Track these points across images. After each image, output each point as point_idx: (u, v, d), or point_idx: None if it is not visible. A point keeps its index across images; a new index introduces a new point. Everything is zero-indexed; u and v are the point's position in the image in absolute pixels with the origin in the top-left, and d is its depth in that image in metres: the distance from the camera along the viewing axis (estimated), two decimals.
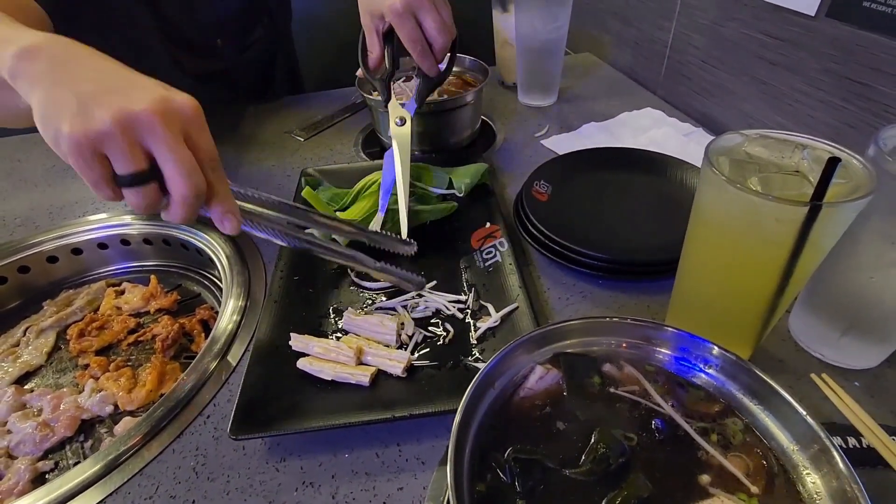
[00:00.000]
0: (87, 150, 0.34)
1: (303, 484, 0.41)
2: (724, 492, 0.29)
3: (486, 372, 0.33)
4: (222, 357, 0.52)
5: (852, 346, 0.45)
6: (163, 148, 0.35)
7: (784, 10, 0.69)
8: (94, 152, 0.34)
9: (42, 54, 0.37)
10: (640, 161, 0.71)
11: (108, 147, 0.34)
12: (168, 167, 0.36)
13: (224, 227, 0.40)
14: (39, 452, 0.50)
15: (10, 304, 0.68)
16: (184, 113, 0.37)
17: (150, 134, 0.35)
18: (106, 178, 0.35)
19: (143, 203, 0.37)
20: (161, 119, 0.35)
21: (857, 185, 0.34)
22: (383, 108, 0.67)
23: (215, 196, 0.39)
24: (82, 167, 0.34)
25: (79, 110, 0.34)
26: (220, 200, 0.39)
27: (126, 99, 0.34)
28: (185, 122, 0.37)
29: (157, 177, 0.36)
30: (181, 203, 0.37)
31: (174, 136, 0.35)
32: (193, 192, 0.37)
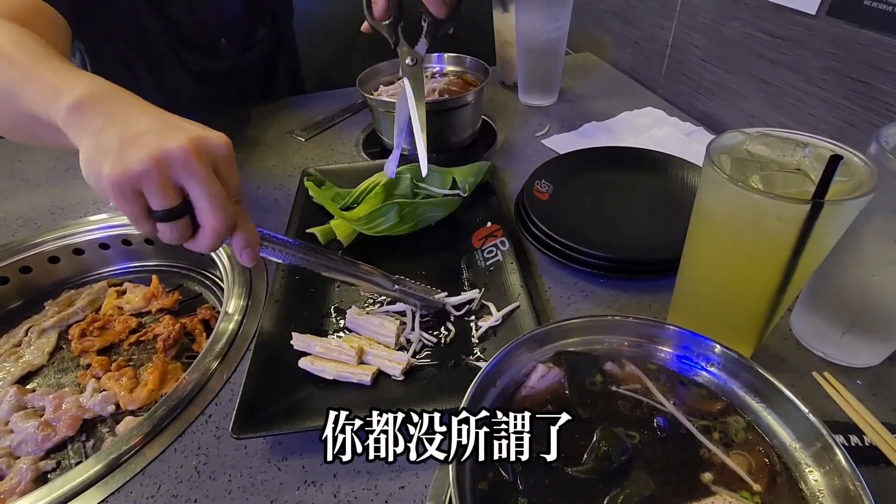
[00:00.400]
0: (127, 189, 0.36)
1: (304, 483, 0.41)
2: (727, 490, 0.29)
3: (488, 371, 0.33)
4: (224, 357, 0.52)
5: (854, 344, 0.45)
6: (196, 184, 0.37)
7: (785, 9, 0.69)
8: (133, 191, 0.36)
9: (91, 108, 0.40)
10: (641, 160, 0.71)
11: (145, 185, 0.36)
12: (201, 202, 0.38)
13: (243, 257, 0.42)
14: (41, 452, 0.50)
15: (11, 305, 0.69)
16: (216, 150, 0.39)
17: (183, 171, 0.37)
18: (144, 213, 0.38)
19: (175, 236, 0.39)
20: (195, 157, 0.37)
21: (859, 182, 0.34)
22: (393, 49, 0.67)
23: (238, 227, 0.41)
24: (122, 205, 0.37)
25: (118, 153, 0.36)
26: (242, 231, 0.41)
27: (162, 139, 0.37)
28: (217, 159, 0.39)
29: (189, 211, 0.38)
30: (212, 235, 0.39)
31: (207, 173, 0.38)
32: (224, 224, 0.39)
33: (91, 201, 0.77)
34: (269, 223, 0.69)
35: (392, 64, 0.87)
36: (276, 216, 0.70)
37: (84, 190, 0.81)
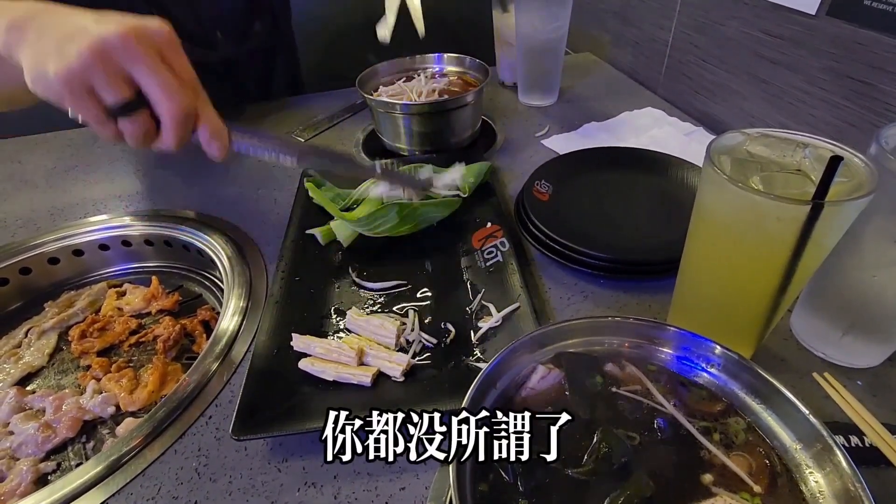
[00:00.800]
0: (77, 86, 0.35)
1: (305, 484, 0.41)
2: (727, 491, 0.29)
3: (488, 372, 0.33)
4: (224, 358, 0.52)
5: (854, 344, 0.45)
6: (142, 70, 0.36)
7: (784, 9, 0.69)
8: (83, 87, 0.35)
9: (28, 22, 0.39)
10: (641, 160, 0.71)
11: (93, 78, 0.35)
12: (152, 89, 0.37)
13: (211, 149, 0.40)
14: (42, 454, 0.50)
15: (11, 306, 0.68)
16: (157, 36, 0.38)
17: (127, 58, 0.36)
18: (102, 113, 0.37)
19: (138, 132, 0.37)
20: (135, 41, 0.36)
21: (859, 183, 0.34)
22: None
23: (201, 117, 0.39)
24: (78, 105, 0.36)
25: (58, 51, 0.35)
26: (207, 121, 0.40)
27: (98, 30, 0.36)
28: (161, 46, 0.38)
29: (146, 104, 0.37)
30: (172, 124, 0.37)
31: (152, 58, 0.36)
32: (181, 110, 0.37)
33: (90, 202, 0.77)
34: (269, 224, 0.69)
35: (392, 64, 0.87)
36: (276, 217, 0.69)
37: (84, 191, 0.81)
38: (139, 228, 0.71)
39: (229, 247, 0.65)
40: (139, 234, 0.71)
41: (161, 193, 0.78)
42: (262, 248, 0.65)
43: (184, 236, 0.69)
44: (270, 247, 0.65)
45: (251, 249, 0.65)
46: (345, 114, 0.97)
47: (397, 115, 0.77)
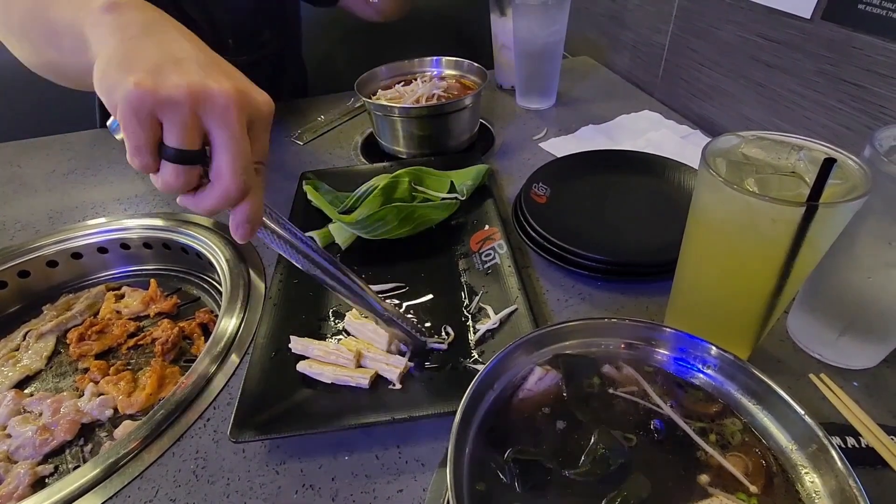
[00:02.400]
0: (146, 110, 0.31)
1: (303, 486, 0.41)
2: (724, 491, 0.29)
3: (486, 373, 0.33)
4: (222, 360, 0.52)
5: (850, 346, 0.45)
6: (226, 135, 0.33)
7: (779, 13, 0.69)
8: (151, 115, 0.31)
9: (129, 10, 0.35)
10: (638, 163, 0.71)
11: (169, 114, 0.31)
12: (223, 157, 0.33)
13: (238, 231, 0.37)
14: (39, 456, 0.50)
15: (10, 309, 0.68)
16: (258, 108, 0.35)
17: (218, 116, 0.32)
18: (151, 145, 0.32)
19: (178, 184, 0.33)
20: (236, 106, 0.33)
21: (853, 185, 0.34)
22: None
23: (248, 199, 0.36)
24: (132, 126, 0.31)
25: (154, 69, 0.31)
26: (250, 205, 0.36)
27: (207, 75, 0.32)
28: (256, 118, 0.35)
29: (203, 161, 0.34)
30: (220, 196, 0.34)
31: (241, 127, 0.33)
32: (238, 189, 0.34)
33: (89, 205, 0.78)
34: None
35: (390, 68, 0.88)
36: None
37: (82, 194, 0.81)
38: (137, 231, 0.71)
39: (227, 249, 0.65)
40: (137, 236, 0.71)
41: (159, 196, 0.78)
42: (260, 250, 0.66)
43: (182, 239, 0.69)
44: (269, 250, 0.65)
45: (249, 252, 0.65)
46: (343, 117, 0.97)
47: (395, 118, 0.77)
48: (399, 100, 0.80)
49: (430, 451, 0.43)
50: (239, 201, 0.35)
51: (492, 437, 0.32)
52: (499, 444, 0.32)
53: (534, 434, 0.33)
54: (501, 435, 0.32)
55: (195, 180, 0.34)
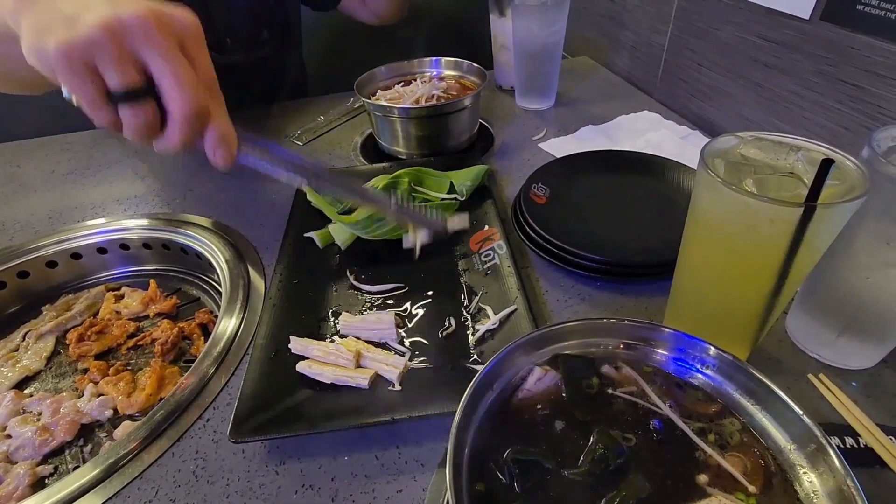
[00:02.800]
0: (77, 62, 0.31)
1: (302, 486, 0.41)
2: (722, 491, 0.29)
3: (485, 373, 0.33)
4: (221, 361, 0.52)
5: (849, 346, 0.45)
6: (158, 58, 0.33)
7: (778, 14, 0.70)
8: (85, 64, 0.32)
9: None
10: (637, 163, 0.71)
11: (99, 57, 0.32)
12: (166, 80, 0.33)
13: (216, 156, 0.36)
14: (39, 457, 0.50)
15: (9, 309, 0.68)
16: (181, 24, 0.34)
17: (143, 42, 0.32)
18: (101, 95, 0.33)
19: (140, 123, 0.34)
20: (155, 26, 0.32)
21: (852, 186, 0.34)
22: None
23: (212, 119, 0.36)
24: (74, 82, 0.32)
25: (66, 22, 0.32)
26: (217, 124, 0.36)
27: (116, 7, 0.32)
28: (183, 36, 0.34)
29: (153, 94, 0.33)
30: (180, 122, 0.34)
31: (171, 46, 0.33)
32: (193, 107, 0.34)
33: (89, 206, 0.78)
34: (267, 227, 0.69)
35: (390, 68, 0.88)
36: (274, 220, 0.70)
37: (82, 195, 0.81)
38: (137, 232, 0.71)
39: (227, 250, 0.65)
40: (137, 237, 0.71)
41: (159, 197, 0.78)
42: (260, 251, 0.66)
43: (182, 239, 0.69)
44: (268, 250, 0.65)
45: (249, 252, 0.65)
46: (342, 118, 0.97)
47: (395, 118, 0.77)
48: (399, 100, 0.80)
49: (430, 451, 0.43)
50: (201, 121, 0.35)
51: (491, 437, 0.32)
52: (498, 444, 0.32)
53: (533, 434, 0.33)
54: (501, 435, 0.32)
55: (154, 116, 0.34)
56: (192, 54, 0.35)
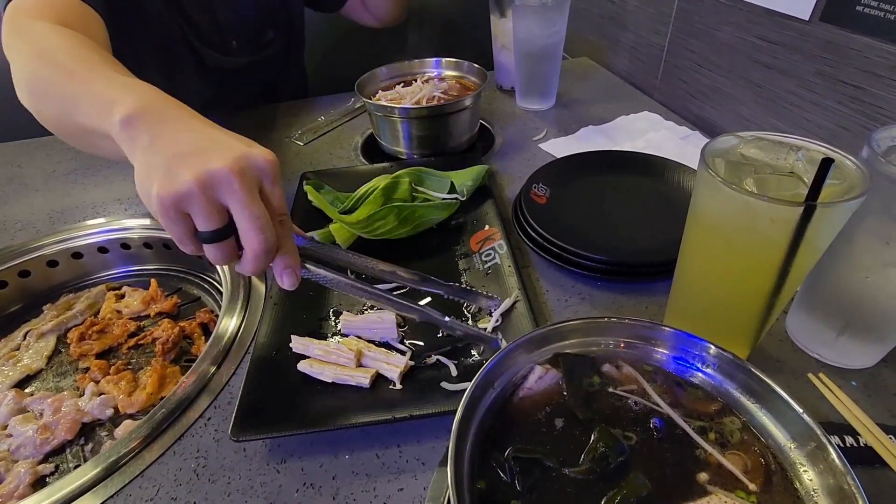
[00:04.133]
0: (172, 210, 0.37)
1: (304, 485, 0.41)
2: (723, 489, 0.29)
3: (486, 372, 0.33)
4: (222, 360, 0.52)
5: (849, 345, 0.45)
6: (237, 206, 0.37)
7: (778, 15, 0.70)
8: (178, 211, 0.37)
9: (141, 122, 0.41)
10: (637, 164, 0.71)
11: (190, 206, 0.37)
12: (243, 224, 0.38)
13: (283, 281, 0.42)
14: (40, 456, 0.50)
15: (10, 308, 0.69)
16: (260, 168, 0.39)
17: (227, 192, 0.37)
18: (189, 234, 0.38)
19: (221, 257, 0.39)
20: (237, 177, 0.37)
21: (851, 185, 0.34)
22: None
23: (281, 249, 0.41)
24: (169, 225, 0.38)
25: (166, 174, 0.37)
26: (284, 254, 0.41)
27: (207, 159, 0.37)
28: (261, 177, 0.39)
29: (234, 232, 0.39)
30: (254, 257, 0.39)
31: (249, 193, 0.38)
32: (265, 246, 0.38)
33: (90, 205, 0.78)
34: None
35: (390, 69, 0.88)
36: None
37: (83, 194, 0.81)
38: (138, 231, 0.71)
39: None
40: (138, 236, 0.71)
41: None
42: None
43: None
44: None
45: None
46: (343, 118, 0.97)
47: (396, 118, 0.77)
48: (399, 100, 0.80)
49: (431, 450, 0.43)
50: (272, 255, 0.40)
51: (492, 435, 0.32)
52: (499, 442, 0.32)
53: (534, 432, 0.33)
54: (502, 433, 0.32)
55: (233, 250, 0.39)
56: (267, 192, 0.40)
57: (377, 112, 0.79)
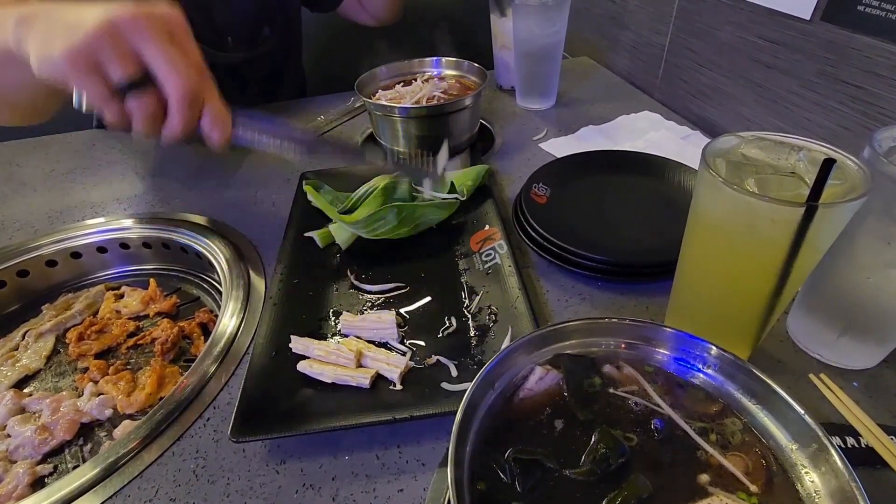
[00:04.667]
0: (82, 62, 0.36)
1: (303, 486, 0.41)
2: (724, 490, 0.29)
3: (486, 373, 0.33)
4: (222, 360, 0.52)
5: (850, 346, 0.45)
6: (151, 47, 0.37)
7: (779, 14, 0.70)
8: (89, 63, 0.36)
9: (35, 14, 0.40)
10: (637, 164, 0.71)
11: (101, 55, 0.36)
12: (160, 66, 0.37)
13: (212, 137, 0.41)
14: (38, 456, 0.50)
15: (9, 308, 0.68)
16: (167, 19, 0.39)
17: (137, 37, 0.37)
18: (108, 91, 0.38)
19: (146, 112, 0.38)
20: (145, 21, 0.37)
21: (853, 186, 0.34)
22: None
23: (206, 101, 0.40)
24: (82, 80, 0.37)
25: (67, 31, 0.36)
26: (210, 105, 0.40)
27: (111, 13, 0.37)
28: (171, 28, 0.39)
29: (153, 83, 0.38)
30: (179, 103, 0.38)
31: (161, 37, 0.37)
32: (188, 87, 0.38)
33: (88, 205, 0.77)
34: (268, 227, 0.69)
35: (390, 68, 0.88)
36: (275, 220, 0.70)
37: (82, 194, 0.81)
38: (137, 231, 0.71)
39: (227, 249, 0.65)
40: (137, 236, 0.71)
41: (159, 196, 0.78)
42: (260, 250, 0.66)
43: (182, 239, 0.69)
44: (269, 250, 0.65)
45: (249, 252, 0.65)
46: (343, 118, 0.97)
47: (395, 118, 0.77)
48: (399, 100, 0.80)
49: (431, 451, 0.43)
50: (198, 103, 0.39)
51: (492, 436, 0.32)
52: (499, 443, 0.32)
53: (534, 434, 0.33)
54: (502, 434, 0.32)
55: (157, 105, 0.38)
56: (181, 42, 0.39)
57: (377, 111, 0.78)
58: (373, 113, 0.80)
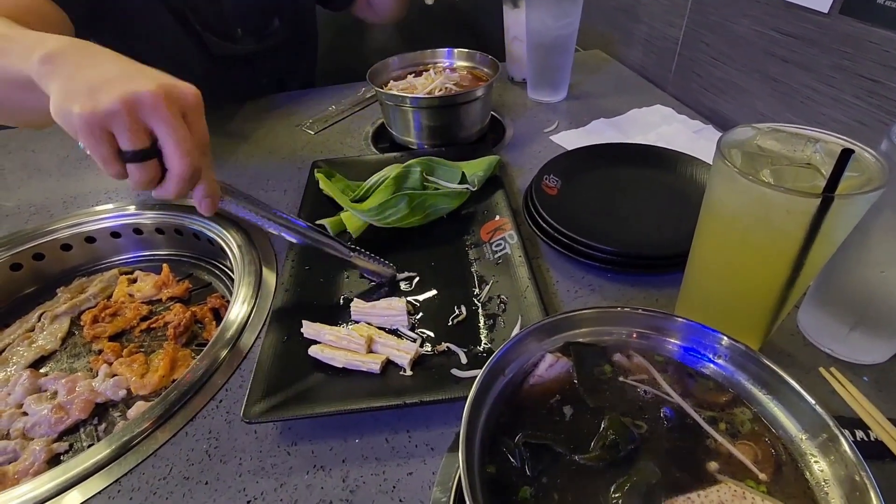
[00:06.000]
0: (97, 128, 0.37)
1: (314, 467, 0.42)
2: (732, 479, 0.29)
3: (497, 358, 0.33)
4: (234, 344, 0.53)
5: (861, 340, 0.45)
6: (164, 127, 0.39)
7: (797, 7, 0.69)
8: (102, 130, 0.38)
9: (62, 56, 0.42)
10: (649, 157, 0.71)
11: (115, 125, 0.37)
12: (168, 145, 0.39)
13: (202, 206, 0.44)
14: (54, 434, 0.51)
15: (25, 291, 0.70)
16: (185, 98, 0.41)
17: (153, 114, 0.38)
18: (114, 154, 0.39)
19: (144, 178, 0.40)
20: (164, 100, 0.38)
21: (870, 178, 0.34)
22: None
23: (202, 177, 0.42)
24: (92, 143, 0.38)
25: (89, 94, 0.37)
26: (205, 182, 0.43)
27: (132, 83, 0.38)
28: (186, 107, 0.41)
29: (157, 155, 0.40)
30: (177, 179, 0.40)
31: (175, 117, 0.39)
32: (189, 170, 0.40)
33: (103, 191, 0.78)
34: None
35: (402, 58, 0.88)
36: (286, 208, 0.70)
37: (96, 180, 0.81)
38: (150, 217, 0.72)
39: (239, 236, 0.66)
40: (150, 222, 0.72)
41: None
42: (271, 237, 0.66)
43: (194, 225, 0.70)
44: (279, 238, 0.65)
45: (261, 239, 0.66)
46: (355, 107, 0.97)
47: (407, 108, 0.77)
48: (411, 90, 0.80)
49: (440, 436, 0.43)
50: (195, 179, 0.42)
51: (502, 421, 0.32)
52: (509, 428, 0.32)
53: (544, 420, 0.33)
54: (512, 420, 0.33)
55: (157, 172, 0.41)
56: (192, 121, 0.41)
57: (389, 101, 0.78)
58: (384, 103, 0.80)
